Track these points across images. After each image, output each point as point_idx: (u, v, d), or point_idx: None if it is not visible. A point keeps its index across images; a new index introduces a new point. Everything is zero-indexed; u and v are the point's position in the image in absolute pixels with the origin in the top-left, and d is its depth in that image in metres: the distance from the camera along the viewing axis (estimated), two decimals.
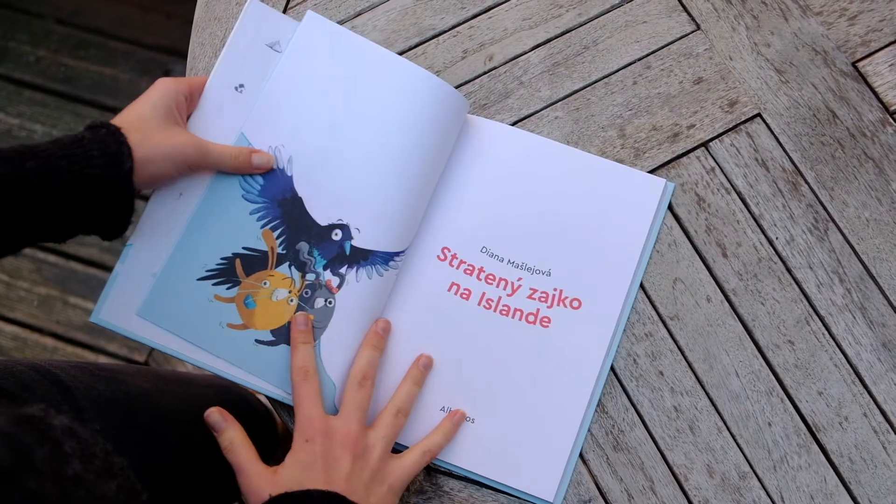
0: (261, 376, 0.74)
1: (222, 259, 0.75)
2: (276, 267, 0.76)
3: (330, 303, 0.75)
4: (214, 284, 0.75)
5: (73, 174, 0.65)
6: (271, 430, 1.28)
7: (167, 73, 1.88)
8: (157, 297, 0.74)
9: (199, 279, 0.75)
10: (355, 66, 0.78)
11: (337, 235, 0.76)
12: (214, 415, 0.72)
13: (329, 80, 0.78)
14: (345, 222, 0.76)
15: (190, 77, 0.78)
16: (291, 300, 0.75)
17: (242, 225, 0.76)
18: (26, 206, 0.64)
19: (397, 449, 0.74)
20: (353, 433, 0.69)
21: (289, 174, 0.77)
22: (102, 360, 1.74)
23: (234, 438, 0.71)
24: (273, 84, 0.77)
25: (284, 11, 0.87)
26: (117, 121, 0.70)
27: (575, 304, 0.77)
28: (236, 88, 0.77)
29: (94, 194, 0.66)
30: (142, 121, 0.71)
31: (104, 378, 0.86)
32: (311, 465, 0.67)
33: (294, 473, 0.67)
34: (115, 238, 0.71)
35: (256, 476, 0.68)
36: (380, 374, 0.75)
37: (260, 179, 0.77)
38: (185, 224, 0.75)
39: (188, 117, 0.77)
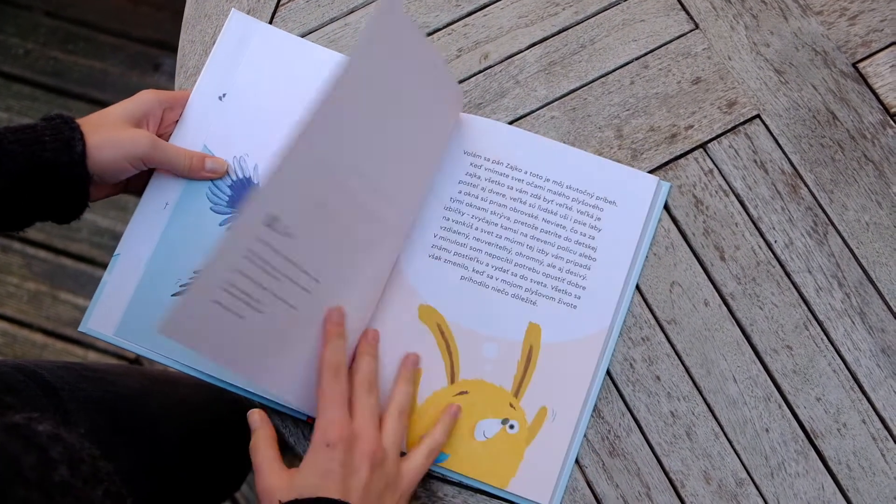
0: (246, 385, 0.73)
1: (196, 273, 0.74)
2: None
3: None
4: None
5: (25, 157, 0.66)
6: None
7: (157, 68, 1.87)
8: (133, 316, 0.74)
9: (173, 295, 0.75)
10: (316, 72, 0.79)
11: None
12: (254, 415, 0.71)
13: (288, 88, 0.79)
14: None
15: (175, 91, 0.79)
16: None
17: (213, 237, 0.76)
18: None
19: None
20: (374, 441, 0.68)
21: (255, 182, 0.77)
22: (92, 356, 1.73)
23: (258, 440, 0.69)
24: (231, 95, 0.79)
25: (275, 12, 0.85)
26: (80, 118, 0.71)
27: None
28: (220, 98, 0.78)
29: (47, 178, 0.67)
30: (103, 117, 0.72)
31: (92, 379, 0.86)
32: (330, 472, 0.65)
33: (311, 479, 0.66)
34: (69, 222, 0.72)
35: (273, 477, 0.67)
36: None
37: (227, 190, 0.77)
38: (157, 240, 0.75)
39: (173, 126, 0.78)
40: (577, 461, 0.74)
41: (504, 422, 0.75)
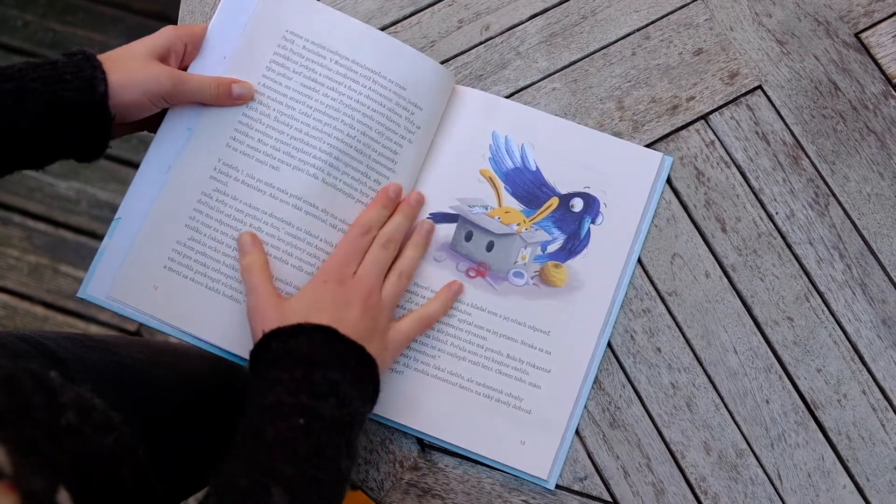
0: (242, 352, 0.73)
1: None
2: None
3: None
4: None
5: (46, 96, 0.65)
6: None
7: None
8: (127, 277, 0.73)
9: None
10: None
11: None
12: (246, 237, 0.72)
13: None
14: None
15: (193, 25, 0.77)
16: None
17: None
18: (4, 126, 0.64)
19: None
20: (371, 286, 0.69)
21: None
22: (94, 329, 1.73)
23: (254, 261, 0.70)
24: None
25: None
26: (102, 54, 0.70)
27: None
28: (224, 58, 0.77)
29: (69, 118, 0.66)
30: (124, 52, 0.71)
31: (96, 349, 0.85)
32: (321, 303, 0.66)
33: (301, 307, 0.67)
34: (92, 161, 0.71)
35: (265, 300, 0.68)
36: None
37: None
38: (156, 204, 0.74)
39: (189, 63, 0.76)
40: (577, 432, 0.74)
41: None
